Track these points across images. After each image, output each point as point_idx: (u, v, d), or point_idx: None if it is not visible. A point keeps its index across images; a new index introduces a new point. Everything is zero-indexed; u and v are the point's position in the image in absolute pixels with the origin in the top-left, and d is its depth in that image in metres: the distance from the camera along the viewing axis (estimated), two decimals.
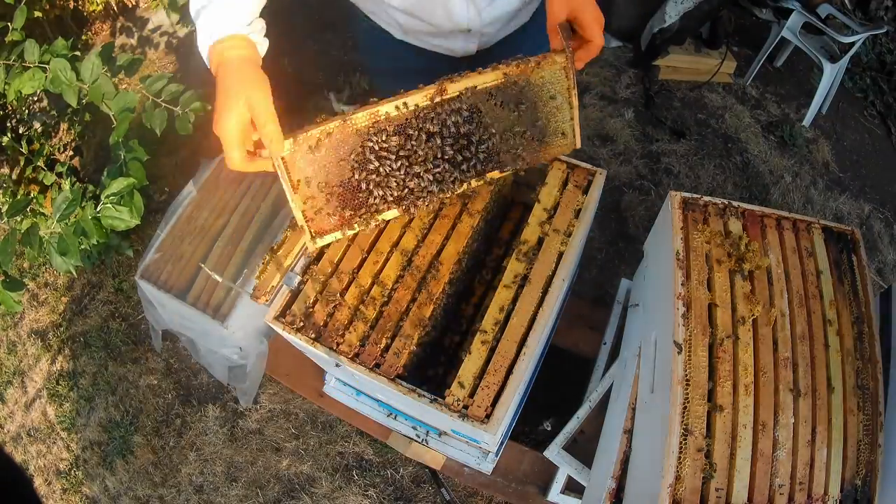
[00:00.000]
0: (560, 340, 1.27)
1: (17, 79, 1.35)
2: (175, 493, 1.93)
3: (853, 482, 0.78)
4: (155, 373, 2.16)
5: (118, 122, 1.35)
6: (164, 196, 2.34)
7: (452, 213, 1.06)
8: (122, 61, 1.45)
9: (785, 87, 2.82)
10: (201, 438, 2.00)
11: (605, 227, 2.28)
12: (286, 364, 1.45)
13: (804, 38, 2.53)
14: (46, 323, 2.41)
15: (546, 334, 1.00)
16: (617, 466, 0.99)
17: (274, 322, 0.96)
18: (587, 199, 1.06)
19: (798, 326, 0.87)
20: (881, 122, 2.78)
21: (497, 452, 1.21)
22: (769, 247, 0.95)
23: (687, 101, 2.74)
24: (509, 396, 0.85)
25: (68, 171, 1.73)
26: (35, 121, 2.26)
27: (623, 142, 2.56)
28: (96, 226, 1.27)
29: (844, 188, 2.48)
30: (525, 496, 1.27)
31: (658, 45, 2.61)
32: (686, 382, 0.79)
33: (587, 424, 1.20)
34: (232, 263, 1.40)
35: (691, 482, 0.74)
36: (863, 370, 0.85)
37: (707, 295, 0.88)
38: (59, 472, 2.07)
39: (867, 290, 0.92)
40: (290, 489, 1.86)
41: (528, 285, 0.96)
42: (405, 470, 1.84)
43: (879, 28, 2.47)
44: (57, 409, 2.19)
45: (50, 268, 2.53)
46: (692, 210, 0.97)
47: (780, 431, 0.78)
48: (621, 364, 1.20)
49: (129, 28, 3.03)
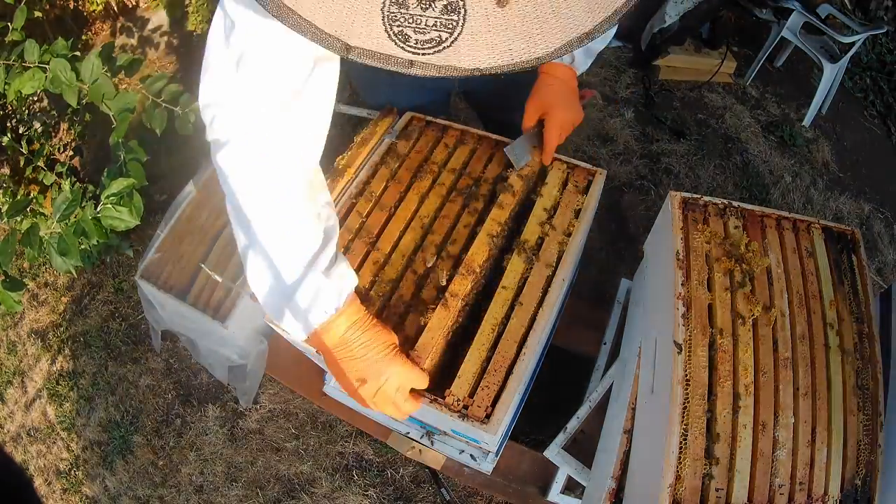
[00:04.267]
0: (560, 340, 1.27)
1: (17, 79, 1.35)
2: (175, 493, 1.93)
3: (853, 482, 0.78)
4: (155, 373, 2.16)
5: (118, 123, 1.35)
6: (164, 196, 2.34)
7: (452, 212, 1.06)
8: (122, 61, 1.45)
9: (785, 87, 2.82)
10: (201, 438, 2.00)
11: (605, 227, 2.28)
12: (286, 364, 1.45)
13: (804, 38, 2.53)
14: (46, 323, 2.41)
15: (546, 334, 1.00)
16: (617, 466, 0.99)
17: (274, 322, 0.96)
18: (587, 199, 1.06)
19: (798, 326, 0.87)
20: (881, 122, 2.78)
21: (497, 452, 1.21)
22: (769, 247, 0.95)
23: (687, 101, 2.74)
24: (509, 396, 0.85)
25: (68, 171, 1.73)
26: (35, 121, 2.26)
27: (623, 142, 2.56)
28: (96, 226, 1.27)
29: (844, 188, 2.48)
30: (525, 496, 1.27)
31: (658, 45, 2.61)
32: (686, 382, 0.79)
33: (587, 424, 1.20)
34: (232, 263, 1.40)
35: (691, 482, 0.74)
36: (863, 370, 0.85)
37: (707, 295, 0.88)
38: (59, 472, 2.07)
39: (867, 290, 0.92)
40: (290, 489, 1.86)
41: (528, 285, 0.96)
42: (405, 470, 1.84)
43: (879, 28, 2.47)
44: (57, 409, 2.19)
45: (50, 268, 2.52)
46: (692, 210, 0.97)
47: (780, 431, 0.78)
48: (621, 364, 1.20)
49: (129, 28, 3.03)
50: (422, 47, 0.38)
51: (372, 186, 1.11)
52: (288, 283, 0.75)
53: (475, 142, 1.17)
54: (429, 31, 0.38)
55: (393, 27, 0.38)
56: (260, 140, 0.72)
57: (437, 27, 0.38)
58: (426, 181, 1.11)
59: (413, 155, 1.15)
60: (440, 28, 0.38)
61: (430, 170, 1.12)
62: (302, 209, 0.76)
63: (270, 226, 0.74)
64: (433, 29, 0.38)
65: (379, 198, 1.09)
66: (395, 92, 1.24)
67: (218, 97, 0.71)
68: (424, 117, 1.22)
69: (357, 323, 0.79)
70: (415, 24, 0.38)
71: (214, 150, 0.74)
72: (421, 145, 1.17)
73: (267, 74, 0.68)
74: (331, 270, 0.78)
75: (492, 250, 0.99)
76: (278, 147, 0.73)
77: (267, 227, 0.74)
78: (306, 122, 0.74)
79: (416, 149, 1.17)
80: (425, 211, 1.06)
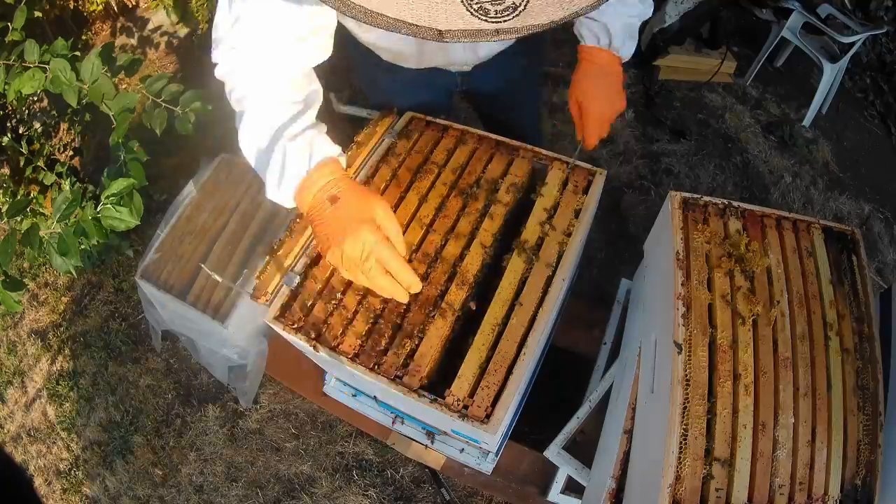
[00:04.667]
0: (560, 340, 1.27)
1: (17, 79, 1.35)
2: (175, 493, 1.93)
3: (853, 482, 0.78)
4: (155, 373, 2.16)
5: (118, 123, 1.35)
6: (164, 196, 2.34)
7: (452, 212, 1.06)
8: (122, 61, 1.45)
9: (785, 87, 2.82)
10: (201, 438, 2.00)
11: (605, 227, 2.28)
12: (286, 364, 1.45)
13: (804, 38, 2.53)
14: (46, 323, 2.41)
15: (546, 334, 1.00)
16: (617, 466, 0.99)
17: (274, 322, 0.96)
18: (587, 198, 1.06)
19: (798, 326, 0.87)
20: (881, 122, 2.78)
21: (497, 452, 1.21)
22: (769, 247, 0.95)
23: (687, 101, 2.74)
24: (509, 396, 0.85)
25: (68, 171, 1.73)
26: (35, 121, 2.26)
27: (623, 142, 2.56)
28: (96, 226, 1.27)
29: (844, 188, 2.48)
30: (525, 496, 1.27)
31: (658, 45, 2.61)
32: (686, 382, 0.79)
33: (587, 424, 1.20)
34: (232, 263, 1.40)
35: (691, 482, 0.74)
36: (863, 370, 0.85)
37: (707, 295, 0.88)
38: (59, 472, 2.07)
39: (867, 290, 0.92)
40: (290, 489, 1.86)
41: (528, 285, 0.96)
42: (405, 470, 1.84)
43: (879, 28, 2.47)
44: (57, 409, 2.19)
45: (50, 268, 2.52)
46: (692, 210, 0.97)
47: (780, 431, 0.78)
48: (621, 364, 1.20)
49: (129, 28, 3.03)
50: (501, 16, 0.41)
51: (372, 186, 1.11)
52: (263, 151, 0.84)
53: (475, 142, 1.17)
54: (503, 0, 0.40)
55: (472, 4, 0.40)
56: (267, 49, 0.82)
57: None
58: (426, 181, 1.10)
59: (413, 155, 1.15)
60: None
61: (430, 170, 1.12)
62: (284, 90, 0.85)
63: (256, 103, 0.84)
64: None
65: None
66: (396, 91, 1.24)
67: (229, 27, 0.82)
68: (424, 117, 1.22)
69: (330, 184, 0.82)
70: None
71: (225, 72, 0.85)
72: (421, 145, 1.17)
73: (269, 24, 0.80)
74: (298, 136, 0.83)
75: (485, 259, 1.00)
76: (280, 58, 0.84)
77: (253, 106, 0.84)
78: (312, 46, 0.86)
79: (416, 149, 1.16)
80: (425, 211, 1.06)
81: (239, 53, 0.83)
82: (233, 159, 1.58)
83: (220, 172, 1.57)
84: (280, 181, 0.84)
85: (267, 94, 0.85)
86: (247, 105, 0.85)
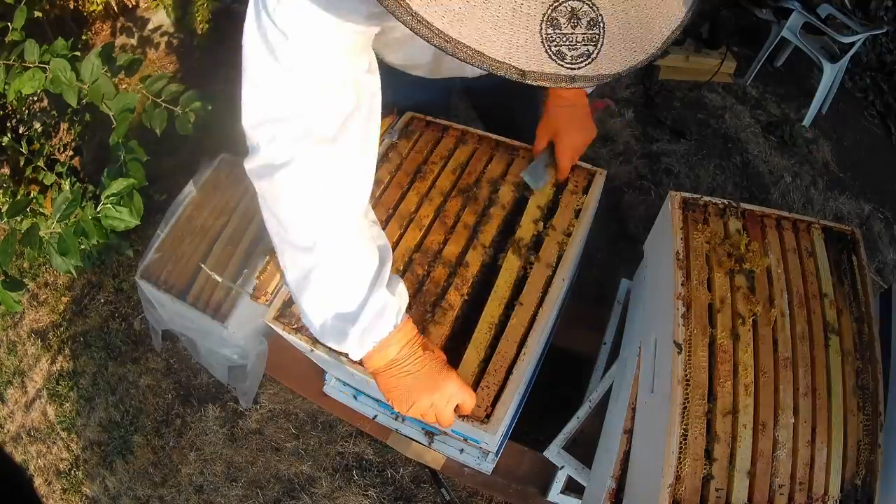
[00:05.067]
0: (560, 340, 1.27)
1: (17, 79, 1.35)
2: (175, 493, 1.93)
3: (853, 482, 0.78)
4: (155, 373, 2.16)
5: (118, 123, 1.35)
6: (164, 196, 2.34)
7: (452, 212, 1.06)
8: (122, 61, 1.45)
9: (785, 87, 2.82)
10: (201, 438, 2.00)
11: (605, 227, 2.27)
12: (286, 364, 1.45)
13: (804, 38, 2.53)
14: (46, 323, 2.41)
15: (546, 334, 1.00)
16: (617, 466, 0.99)
17: (274, 322, 0.96)
18: (587, 198, 1.06)
19: (798, 326, 0.87)
20: (881, 122, 2.78)
21: (497, 452, 1.21)
22: (769, 247, 0.95)
23: (687, 101, 2.74)
24: (509, 396, 0.85)
25: (68, 171, 1.73)
26: (35, 121, 2.25)
27: (623, 142, 2.56)
28: (96, 226, 1.27)
29: (844, 188, 2.48)
30: (525, 496, 1.27)
31: None
32: (686, 382, 0.79)
33: (587, 424, 1.20)
34: (232, 263, 1.40)
35: (691, 482, 0.74)
36: (863, 370, 0.85)
37: (707, 295, 0.88)
38: (59, 472, 2.07)
39: (867, 290, 0.92)
40: (290, 489, 1.86)
41: (528, 285, 0.96)
42: (405, 470, 1.84)
43: (879, 28, 2.47)
44: (57, 409, 2.19)
45: (50, 268, 2.52)
46: (692, 210, 0.97)
47: (780, 431, 0.78)
48: (621, 364, 1.20)
49: (129, 28, 3.03)
50: (575, 62, 0.43)
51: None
52: (354, 304, 0.74)
53: (475, 142, 1.17)
54: (579, 46, 0.42)
55: (551, 48, 0.41)
56: (326, 159, 0.69)
57: (585, 42, 0.42)
58: (426, 181, 1.11)
59: (413, 155, 1.15)
60: (587, 42, 0.42)
61: (430, 170, 1.13)
62: (362, 231, 0.76)
63: (332, 250, 0.73)
64: (581, 44, 0.42)
65: (379, 198, 1.09)
66: (396, 90, 1.24)
67: (276, 113, 0.67)
68: (424, 117, 1.22)
69: (413, 340, 0.80)
70: (568, 43, 0.42)
71: (268, 172, 0.70)
72: (421, 145, 1.17)
73: (325, 90, 0.67)
74: (393, 288, 0.80)
75: (485, 259, 1.00)
76: (342, 167, 0.72)
77: (328, 252, 0.72)
78: (363, 142, 0.74)
79: (416, 149, 1.17)
80: (425, 211, 1.06)
81: (301, 133, 0.68)
82: (233, 159, 1.58)
83: (220, 172, 1.57)
84: (369, 335, 0.76)
85: (347, 227, 0.74)
86: (317, 227, 0.72)
